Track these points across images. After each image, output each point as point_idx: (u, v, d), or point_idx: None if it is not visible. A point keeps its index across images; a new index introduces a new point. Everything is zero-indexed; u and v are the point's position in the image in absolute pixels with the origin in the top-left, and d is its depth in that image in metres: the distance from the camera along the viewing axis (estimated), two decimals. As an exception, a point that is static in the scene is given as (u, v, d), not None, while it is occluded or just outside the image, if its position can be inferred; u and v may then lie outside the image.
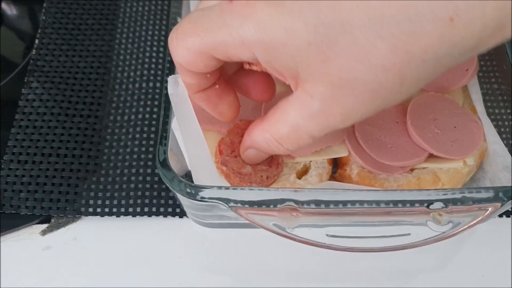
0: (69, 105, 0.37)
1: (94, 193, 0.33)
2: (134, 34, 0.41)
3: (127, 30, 0.42)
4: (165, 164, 0.26)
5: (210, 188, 0.25)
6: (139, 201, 0.33)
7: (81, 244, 0.32)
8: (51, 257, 0.32)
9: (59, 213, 0.33)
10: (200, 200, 0.25)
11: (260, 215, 0.25)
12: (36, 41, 0.40)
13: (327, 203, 0.25)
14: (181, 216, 0.33)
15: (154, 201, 0.33)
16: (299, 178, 0.31)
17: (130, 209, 0.33)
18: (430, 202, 0.25)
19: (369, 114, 0.21)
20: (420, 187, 0.30)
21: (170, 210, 0.33)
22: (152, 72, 0.39)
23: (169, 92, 0.28)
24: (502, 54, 0.34)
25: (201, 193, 0.25)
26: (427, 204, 0.25)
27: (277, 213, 0.25)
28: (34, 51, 0.39)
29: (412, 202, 0.25)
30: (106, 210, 0.33)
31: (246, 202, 0.25)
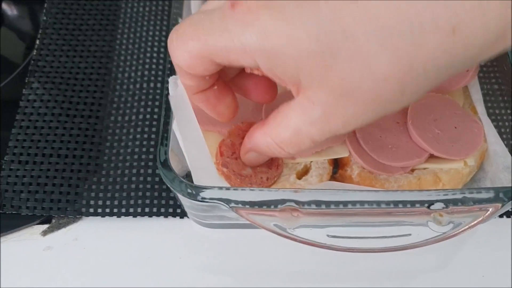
0: (70, 106, 0.37)
1: (95, 194, 0.33)
2: (135, 35, 0.41)
3: (128, 31, 0.42)
4: (166, 165, 0.26)
5: (211, 189, 0.25)
6: (140, 202, 0.33)
7: (82, 245, 0.32)
8: (52, 258, 0.32)
9: (60, 214, 0.33)
10: (201, 201, 0.25)
11: (261, 216, 0.25)
12: (37, 42, 0.40)
13: (328, 204, 0.25)
14: (182, 217, 0.33)
15: (155, 202, 0.33)
16: (300, 179, 0.31)
17: (131, 210, 0.33)
18: (431, 203, 0.25)
19: (370, 121, 0.21)
20: (421, 188, 0.30)
21: (171, 211, 0.33)
22: (153, 73, 0.39)
23: (170, 94, 0.28)
24: (502, 55, 0.34)
25: (202, 194, 0.25)
26: (428, 205, 0.25)
27: (278, 214, 0.25)
28: (35, 52, 0.39)
29: (413, 203, 0.25)
30: (107, 211, 0.33)
31: (247, 203, 0.25)
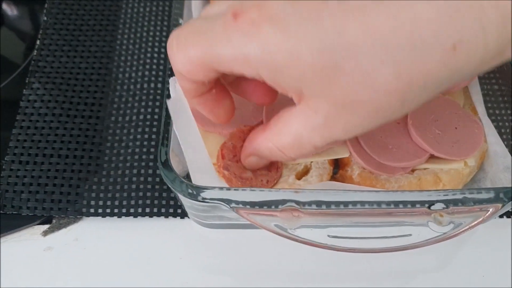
0: (71, 106, 0.37)
1: (96, 194, 0.33)
2: (136, 35, 0.41)
3: (129, 31, 0.42)
4: (167, 165, 0.26)
5: (212, 189, 0.25)
6: (140, 202, 0.33)
7: (83, 245, 0.32)
8: (53, 258, 0.32)
9: (61, 214, 0.33)
10: (202, 201, 0.25)
11: (262, 216, 0.25)
12: (38, 42, 0.40)
13: (329, 204, 0.25)
14: (182, 217, 0.33)
15: (155, 202, 0.33)
16: (299, 179, 0.31)
17: (131, 210, 0.33)
18: (431, 203, 0.25)
19: (371, 128, 0.22)
20: (421, 188, 0.30)
21: (171, 211, 0.33)
22: (154, 73, 0.39)
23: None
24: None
25: (203, 194, 0.25)
26: (428, 205, 0.25)
27: (279, 214, 0.25)
28: (36, 52, 0.39)
29: (413, 203, 0.25)
30: (108, 211, 0.33)
31: (248, 203, 0.25)
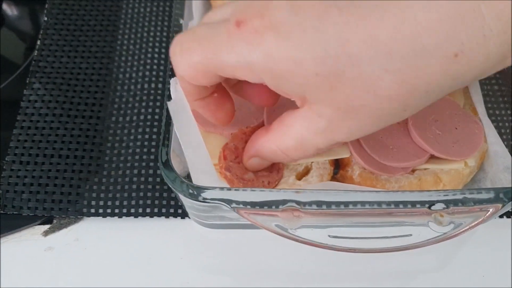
0: (71, 106, 0.37)
1: (96, 194, 0.33)
2: (136, 35, 0.41)
3: (129, 31, 0.42)
4: (168, 165, 0.26)
5: (212, 189, 0.25)
6: (141, 202, 0.33)
7: (83, 245, 0.32)
8: (53, 258, 0.32)
9: (61, 214, 0.33)
10: (202, 201, 0.25)
11: (262, 216, 0.25)
12: (38, 42, 0.40)
13: (329, 204, 0.25)
14: (183, 217, 0.33)
15: (156, 202, 0.33)
16: (300, 179, 0.31)
17: (132, 210, 0.33)
18: (432, 203, 0.25)
19: (373, 131, 0.22)
20: (422, 188, 0.30)
21: (172, 211, 0.33)
22: (154, 73, 0.39)
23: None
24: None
25: (203, 194, 0.25)
26: (429, 205, 0.25)
27: (279, 214, 0.25)
28: (36, 52, 0.39)
29: (414, 203, 0.25)
30: (108, 211, 0.33)
31: (248, 203, 0.25)
